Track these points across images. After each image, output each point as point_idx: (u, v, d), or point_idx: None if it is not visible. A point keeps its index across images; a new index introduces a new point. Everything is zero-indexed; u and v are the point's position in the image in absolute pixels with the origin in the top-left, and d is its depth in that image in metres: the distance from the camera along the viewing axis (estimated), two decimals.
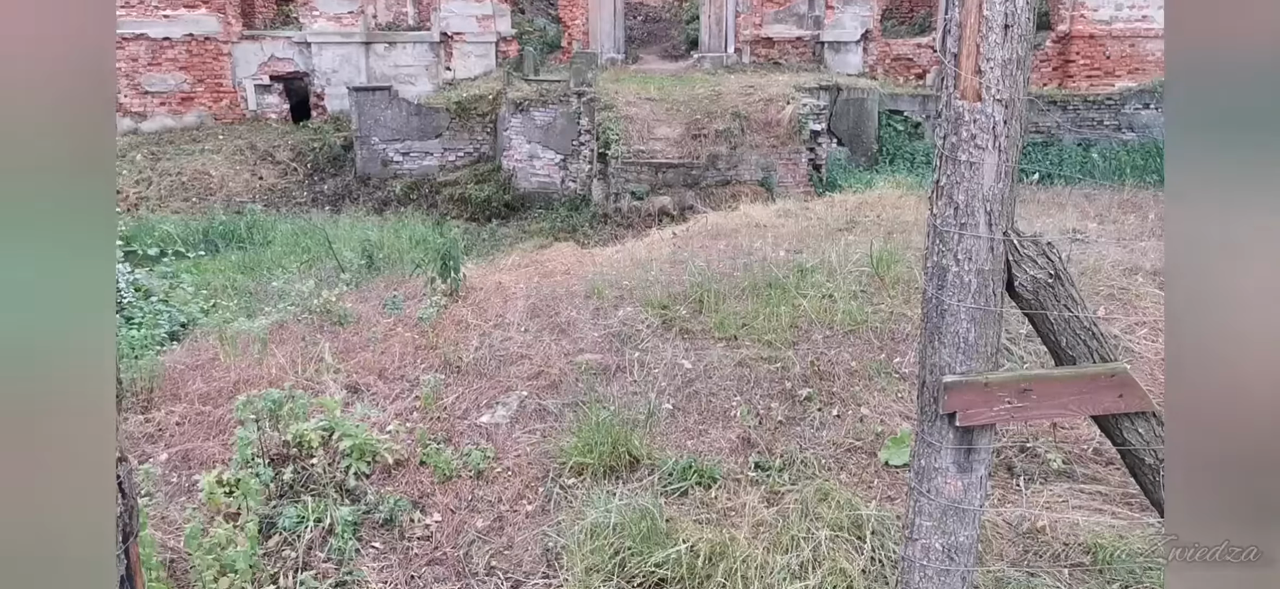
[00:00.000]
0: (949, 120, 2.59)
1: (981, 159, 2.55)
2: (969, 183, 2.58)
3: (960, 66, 2.51)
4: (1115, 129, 19.30)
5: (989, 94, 2.49)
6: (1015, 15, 2.43)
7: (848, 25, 22.77)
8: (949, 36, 2.56)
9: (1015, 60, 2.47)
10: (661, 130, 17.84)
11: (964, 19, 2.47)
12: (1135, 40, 22.72)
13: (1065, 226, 8.15)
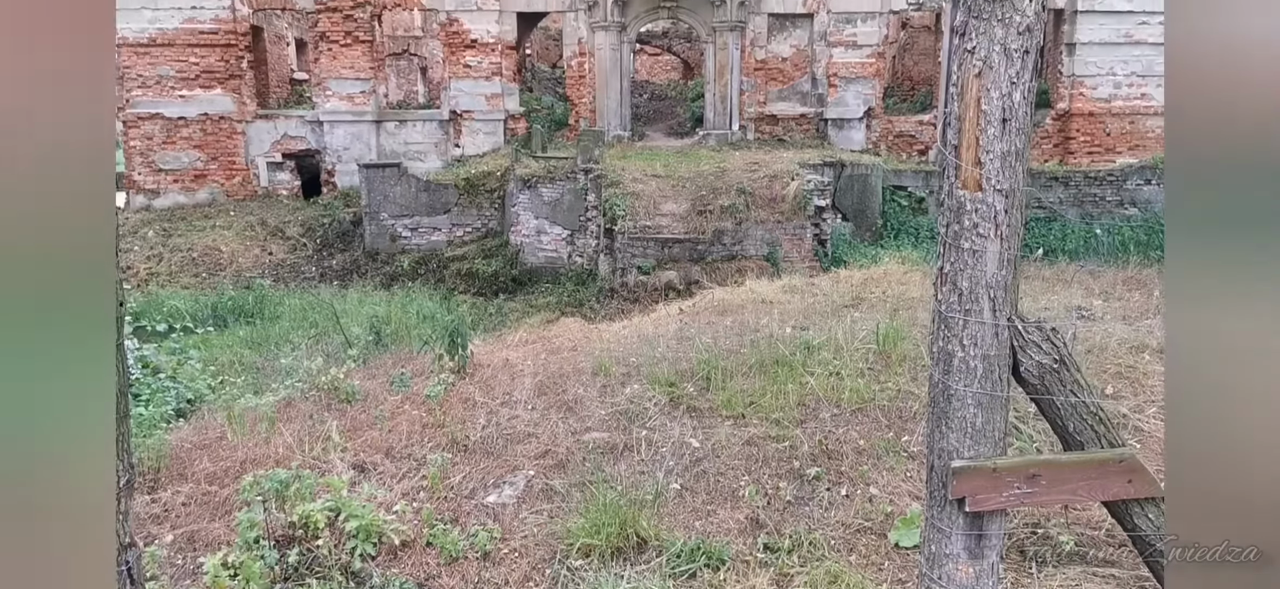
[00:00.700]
0: (951, 209, 2.64)
1: (984, 247, 2.60)
2: (972, 270, 2.62)
3: (961, 158, 2.58)
4: (1118, 204, 19.46)
5: (989, 184, 2.55)
6: (1012, 110, 2.50)
7: (850, 103, 23.16)
8: (949, 129, 2.63)
9: (1014, 152, 2.53)
10: (667, 206, 18.04)
11: (963, 113, 2.54)
12: (1135, 117, 23.05)
13: (1070, 304, 8.17)
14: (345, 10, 22.22)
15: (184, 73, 21.97)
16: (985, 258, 2.60)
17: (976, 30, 2.48)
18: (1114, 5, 22.82)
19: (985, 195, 2.57)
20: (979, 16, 2.47)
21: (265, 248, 19.80)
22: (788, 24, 23.23)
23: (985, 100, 2.50)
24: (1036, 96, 10.09)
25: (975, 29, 2.48)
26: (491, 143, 22.85)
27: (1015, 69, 2.47)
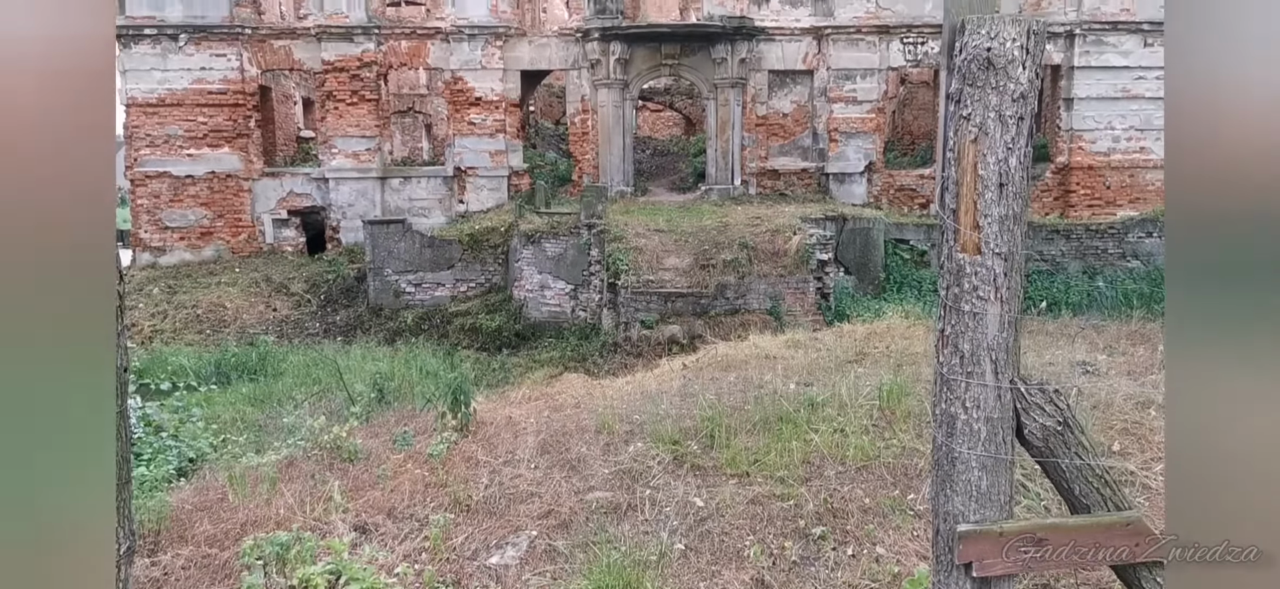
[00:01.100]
0: (950, 272, 2.66)
1: (984, 310, 2.61)
2: (973, 333, 2.63)
3: (959, 222, 2.60)
4: (1120, 257, 19.50)
5: (988, 248, 2.57)
6: (1009, 175, 2.52)
7: (851, 157, 23.37)
8: (947, 193, 2.66)
9: (1012, 216, 2.55)
10: (670, 260, 18.12)
11: (960, 178, 2.57)
12: (1134, 170, 23.21)
13: (1074, 359, 8.16)
14: (352, 70, 22.57)
15: (192, 132, 22.25)
16: (986, 320, 2.61)
17: (971, 97, 2.51)
18: (1110, 61, 23.13)
19: (984, 259, 2.58)
20: (973, 84, 2.51)
21: (269, 304, 19.87)
22: (788, 80, 23.54)
23: (982, 166, 2.53)
24: (1035, 150, 10.17)
25: (970, 96, 2.52)
26: (495, 199, 23.04)
27: (1011, 135, 2.51)
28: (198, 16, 22.07)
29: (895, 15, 23.14)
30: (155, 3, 22.03)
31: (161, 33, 21.97)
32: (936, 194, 4.35)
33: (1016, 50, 2.46)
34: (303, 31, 22.89)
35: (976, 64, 2.49)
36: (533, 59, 23.38)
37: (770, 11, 23.10)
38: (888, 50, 23.22)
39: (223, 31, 22.14)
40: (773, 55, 23.18)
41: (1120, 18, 23.06)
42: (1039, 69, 2.56)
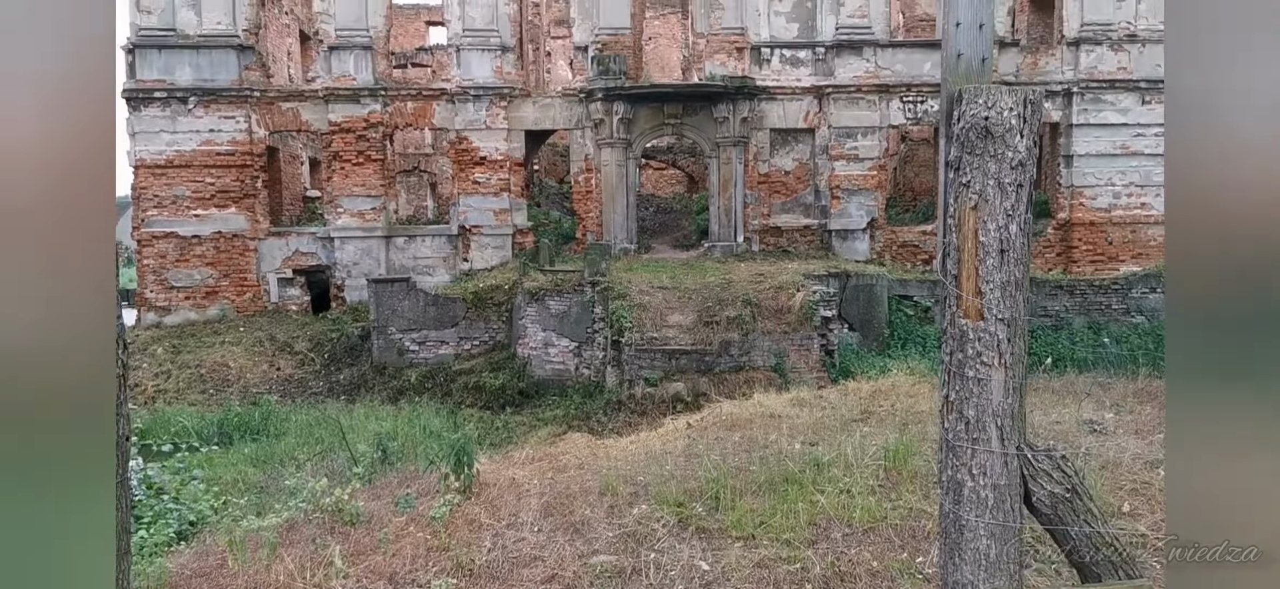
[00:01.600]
0: (953, 338, 2.65)
1: (989, 375, 2.60)
2: (978, 398, 2.62)
3: (961, 287, 2.60)
4: (1124, 312, 19.48)
5: (991, 313, 2.57)
6: (1010, 241, 2.53)
7: (854, 214, 23.49)
8: (948, 258, 2.67)
9: (1013, 282, 2.56)
10: (674, 317, 18.12)
11: (961, 244, 2.58)
12: (1136, 226, 23.29)
13: (1081, 418, 8.10)
14: (358, 131, 22.85)
15: (199, 192, 22.47)
16: (990, 386, 2.60)
17: (970, 165, 2.54)
18: (1109, 118, 23.36)
19: (987, 324, 2.58)
20: (972, 152, 2.53)
21: (273, 363, 19.86)
22: (789, 139, 23.77)
23: (982, 232, 2.54)
24: (1036, 206, 10.20)
25: (969, 164, 2.54)
26: (499, 257, 23.14)
27: (1010, 202, 2.52)
28: (207, 80, 22.43)
29: (894, 75, 23.45)
30: (166, 67, 22.41)
31: (171, 95, 22.30)
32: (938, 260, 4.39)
33: (1014, 119, 2.49)
34: (310, 94, 23.23)
35: (975, 132, 2.52)
36: (537, 119, 23.67)
37: (771, 71, 23.43)
38: (888, 109, 23.48)
39: (232, 94, 22.47)
40: (774, 114, 23.45)
41: (1117, 76, 23.35)
42: (1036, 137, 2.58)
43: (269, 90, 22.98)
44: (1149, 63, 23.29)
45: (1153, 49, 23.28)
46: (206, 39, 22.46)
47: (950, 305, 2.66)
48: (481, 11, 23.03)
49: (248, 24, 22.74)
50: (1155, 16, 23.30)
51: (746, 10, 23.34)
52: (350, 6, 22.78)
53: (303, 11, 28.13)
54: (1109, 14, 23.40)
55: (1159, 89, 22.99)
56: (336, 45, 22.89)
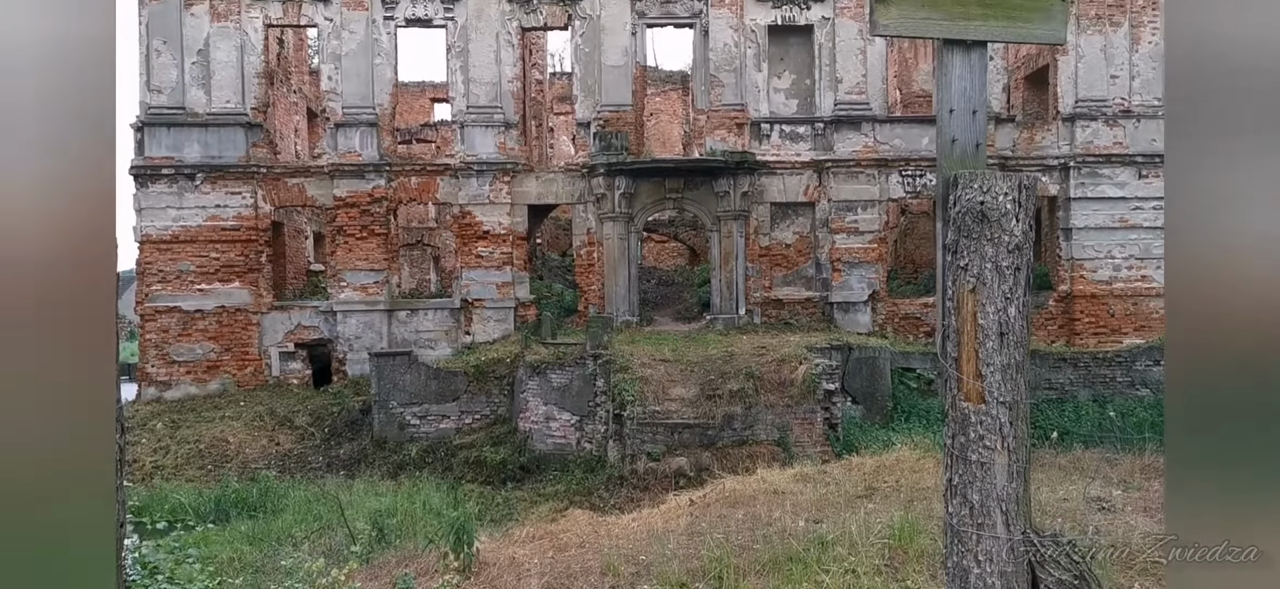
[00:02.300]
0: (955, 421, 2.64)
1: (992, 459, 2.57)
2: (982, 483, 2.59)
3: (962, 370, 2.60)
4: (1128, 385, 19.38)
5: (992, 396, 2.56)
6: (1009, 324, 2.54)
7: (855, 287, 23.56)
8: (948, 341, 2.66)
9: (1014, 365, 2.55)
10: (676, 391, 18.04)
11: (960, 327, 2.58)
12: (1137, 299, 23.32)
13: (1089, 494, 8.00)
14: (362, 205, 23.08)
15: (204, 267, 22.61)
16: (994, 471, 2.58)
17: (968, 249, 2.55)
18: (1106, 192, 23.58)
19: (989, 407, 2.57)
20: (969, 236, 2.55)
21: (273, 438, 19.73)
22: (790, 212, 23.97)
23: (981, 315, 2.54)
24: (1037, 278, 10.25)
25: (966, 248, 2.55)
26: (501, 330, 23.16)
27: (1008, 285, 2.53)
28: (215, 156, 22.75)
29: (893, 149, 23.76)
30: (174, 144, 22.75)
31: (179, 172, 22.60)
32: (938, 341, 4.42)
33: (1009, 204, 2.51)
34: (316, 169, 23.54)
35: (971, 217, 2.54)
36: (540, 194, 23.92)
37: (771, 146, 23.74)
38: (887, 182, 23.73)
39: (239, 170, 22.77)
40: (774, 188, 23.69)
41: (1114, 151, 23.63)
42: (1032, 221, 2.60)
43: (275, 166, 23.29)
44: (1144, 137, 23.60)
45: (1148, 124, 23.61)
46: (215, 117, 22.85)
47: (951, 388, 2.65)
48: (485, 89, 23.45)
49: (256, 102, 23.15)
50: (1149, 93, 23.69)
51: (746, 88, 23.75)
52: (357, 85, 23.22)
53: (310, 90, 28.66)
54: (1103, 90, 23.78)
55: (1155, 163, 23.25)
56: (343, 122, 23.27)
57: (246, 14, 22.97)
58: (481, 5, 23.38)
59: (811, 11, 23.71)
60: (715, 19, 23.62)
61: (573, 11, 23.63)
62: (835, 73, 23.71)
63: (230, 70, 22.87)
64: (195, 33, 22.79)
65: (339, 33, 23.22)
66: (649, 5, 23.73)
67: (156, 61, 22.75)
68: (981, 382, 2.57)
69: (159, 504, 13.39)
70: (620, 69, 23.66)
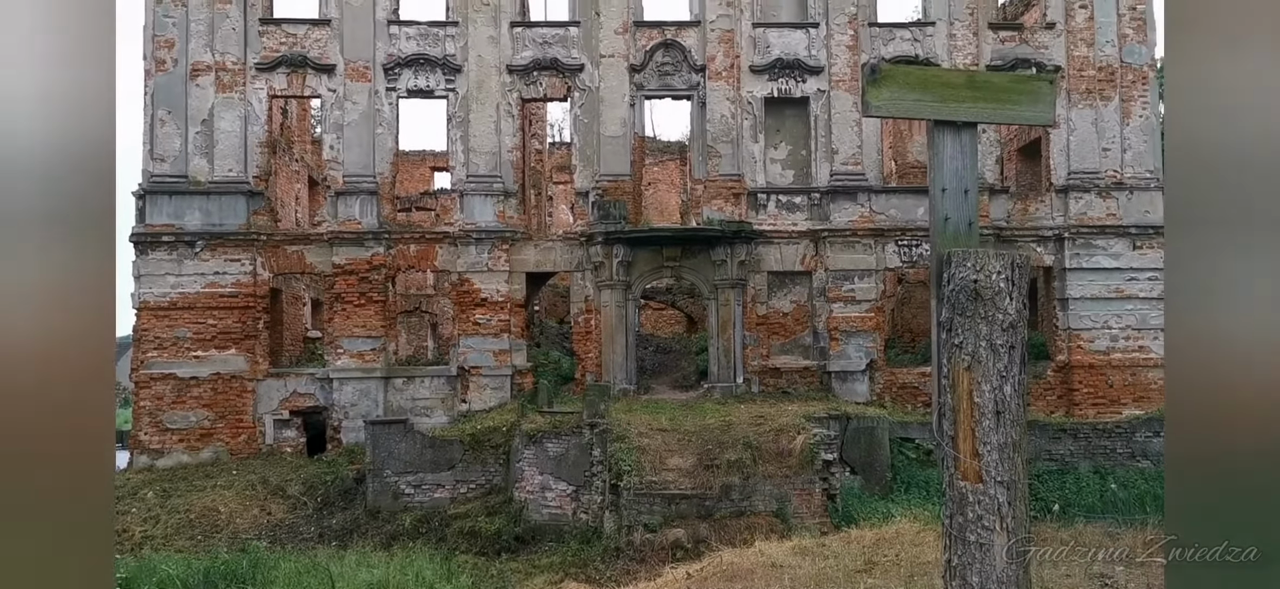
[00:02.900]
0: (953, 500, 2.61)
1: (991, 540, 2.54)
2: (981, 564, 2.55)
3: (958, 449, 2.58)
4: (1129, 457, 19.24)
5: (990, 476, 2.53)
6: (1005, 402, 2.52)
7: (852, 356, 23.52)
8: (944, 418, 2.65)
9: (1011, 444, 2.53)
10: (674, 461, 17.87)
11: (956, 405, 2.57)
12: (1135, 369, 23.28)
13: (1092, 571, 7.88)
14: (361, 272, 23.14)
15: (201, 334, 22.56)
16: (992, 552, 2.54)
17: (962, 327, 2.55)
18: (1101, 263, 23.72)
19: (986, 488, 2.54)
20: (963, 313, 2.55)
21: (265, 508, 19.47)
22: (787, 281, 24.05)
23: (977, 394, 2.54)
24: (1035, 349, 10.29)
25: (961, 325, 2.55)
26: (498, 398, 23.03)
27: (1003, 363, 2.53)
28: (216, 224, 22.87)
29: (889, 219, 23.94)
30: (175, 211, 22.89)
31: (180, 239, 22.69)
32: (934, 419, 4.42)
33: (1002, 282, 2.52)
34: (315, 237, 23.66)
35: (964, 294, 2.54)
36: (538, 261, 24.02)
37: (768, 216, 23.92)
38: (884, 252, 23.86)
39: (239, 237, 22.87)
40: (771, 257, 23.81)
41: (1107, 222, 23.84)
42: (1025, 299, 2.61)
43: (276, 234, 23.41)
44: (1137, 209, 23.83)
45: (1140, 195, 23.86)
46: (217, 185, 23.04)
47: (948, 467, 2.63)
48: (485, 159, 23.71)
49: (258, 171, 23.37)
50: (1141, 165, 24.00)
51: (743, 158, 24.03)
52: (358, 153, 23.47)
53: (313, 159, 28.97)
54: (1095, 163, 24.09)
55: (1148, 234, 23.45)
56: (344, 190, 23.46)
57: (251, 85, 23.33)
58: (482, 77, 23.78)
59: (807, 84, 24.12)
60: (712, 91, 24.02)
61: (572, 83, 24.03)
62: (831, 144, 24.02)
63: (233, 139, 23.14)
64: (200, 103, 23.12)
65: (342, 103, 23.56)
66: (647, 78, 24.15)
67: (160, 131, 23.02)
68: (979, 461, 2.55)
69: (147, 575, 13.13)
70: (619, 139, 23.96)
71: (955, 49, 24.19)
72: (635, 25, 24.11)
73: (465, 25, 23.85)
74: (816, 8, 24.30)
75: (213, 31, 23.24)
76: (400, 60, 23.61)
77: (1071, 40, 24.27)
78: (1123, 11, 24.36)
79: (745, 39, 24.14)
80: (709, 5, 24.12)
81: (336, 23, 23.60)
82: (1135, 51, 24.36)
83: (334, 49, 23.56)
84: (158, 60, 23.12)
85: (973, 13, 24.29)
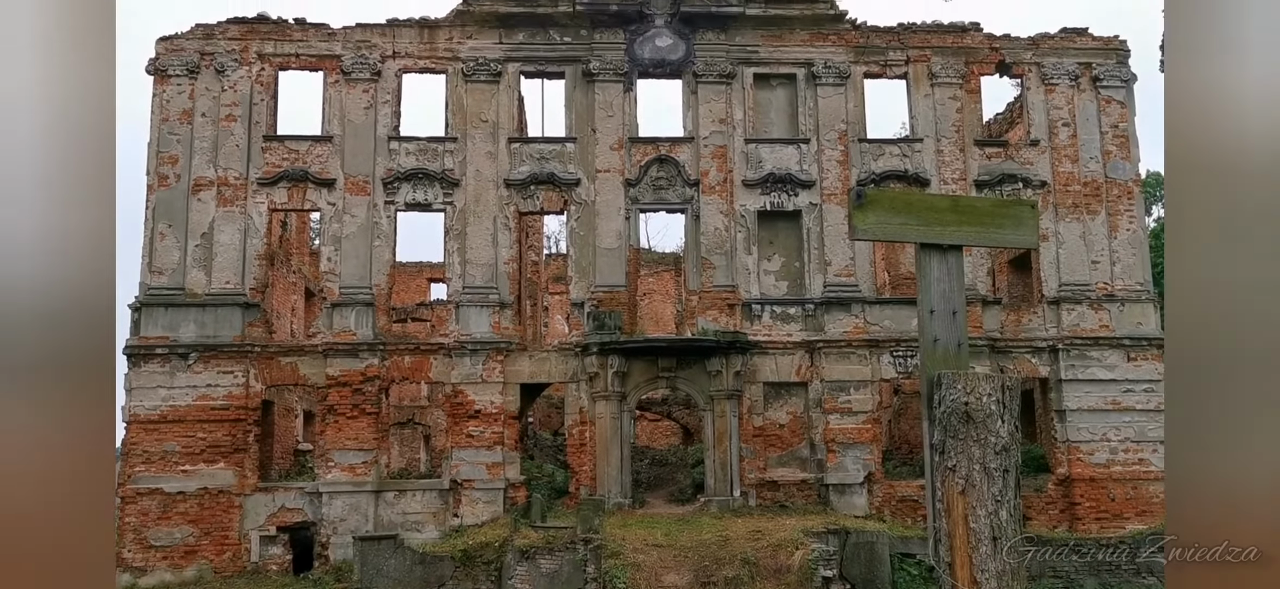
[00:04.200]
0: None
1: None
2: None
3: (956, 577, 2.52)
4: (1135, 573, 18.82)
5: None
6: (1001, 527, 2.48)
7: (850, 468, 23.24)
8: (940, 544, 2.60)
9: (1009, 571, 2.48)
10: (669, 578, 17.44)
11: (952, 530, 2.52)
12: (1137, 483, 23.00)
13: None
14: (355, 384, 23.01)
15: (190, 447, 22.26)
16: None
17: (955, 449, 2.53)
18: (1096, 374, 23.69)
19: None
20: (955, 436, 2.53)
21: None
22: (783, 392, 23.95)
23: (973, 519, 2.50)
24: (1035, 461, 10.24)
25: (953, 448, 2.53)
26: (491, 511, 22.61)
27: (997, 487, 2.50)
28: (210, 336, 22.85)
29: (883, 330, 24.02)
30: (170, 323, 22.90)
31: (173, 351, 22.63)
32: (930, 544, 4.36)
33: (993, 404, 2.51)
34: (310, 348, 23.61)
35: (956, 417, 2.53)
36: (533, 373, 23.93)
37: (763, 326, 23.99)
38: (879, 363, 23.85)
39: (233, 349, 22.82)
40: (767, 368, 23.77)
41: (1100, 334, 23.92)
42: (1017, 421, 2.60)
43: (270, 345, 23.36)
44: (1129, 321, 23.97)
45: (1132, 307, 24.04)
46: (213, 297, 23.12)
47: None
48: (481, 270, 23.90)
49: (255, 283, 23.50)
50: (1130, 277, 24.26)
51: (737, 269, 24.26)
52: (355, 265, 23.66)
53: (310, 270, 29.18)
54: (1084, 275, 24.35)
55: (1141, 346, 23.53)
56: (340, 301, 23.53)
57: (252, 199, 23.68)
58: (480, 191, 24.19)
59: (799, 197, 24.55)
60: (706, 204, 24.42)
61: (568, 197, 24.43)
62: (824, 255, 24.29)
63: (232, 252, 23.34)
64: (200, 217, 23.41)
65: (340, 216, 23.87)
66: (642, 191, 24.57)
67: (160, 244, 23.24)
68: (977, 587, 2.48)
69: None
70: (614, 251, 24.22)
71: (943, 164, 24.73)
72: (630, 141, 24.68)
73: (464, 141, 24.40)
74: (807, 124, 24.94)
75: (217, 148, 23.73)
76: (399, 174, 24.04)
77: (1056, 157, 24.86)
78: (1105, 129, 25.03)
79: (738, 154, 24.69)
80: (702, 122, 24.76)
81: (338, 139, 24.13)
82: (1119, 168, 24.92)
83: (335, 164, 24.02)
84: (160, 176, 23.53)
85: (958, 130, 24.93)
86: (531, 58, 25.13)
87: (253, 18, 24.53)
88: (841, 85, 24.99)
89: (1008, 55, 25.41)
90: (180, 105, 23.89)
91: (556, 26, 24.99)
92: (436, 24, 24.87)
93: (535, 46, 25.04)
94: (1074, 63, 25.31)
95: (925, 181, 24.31)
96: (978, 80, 25.48)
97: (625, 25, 24.98)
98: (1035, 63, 25.33)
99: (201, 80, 24.02)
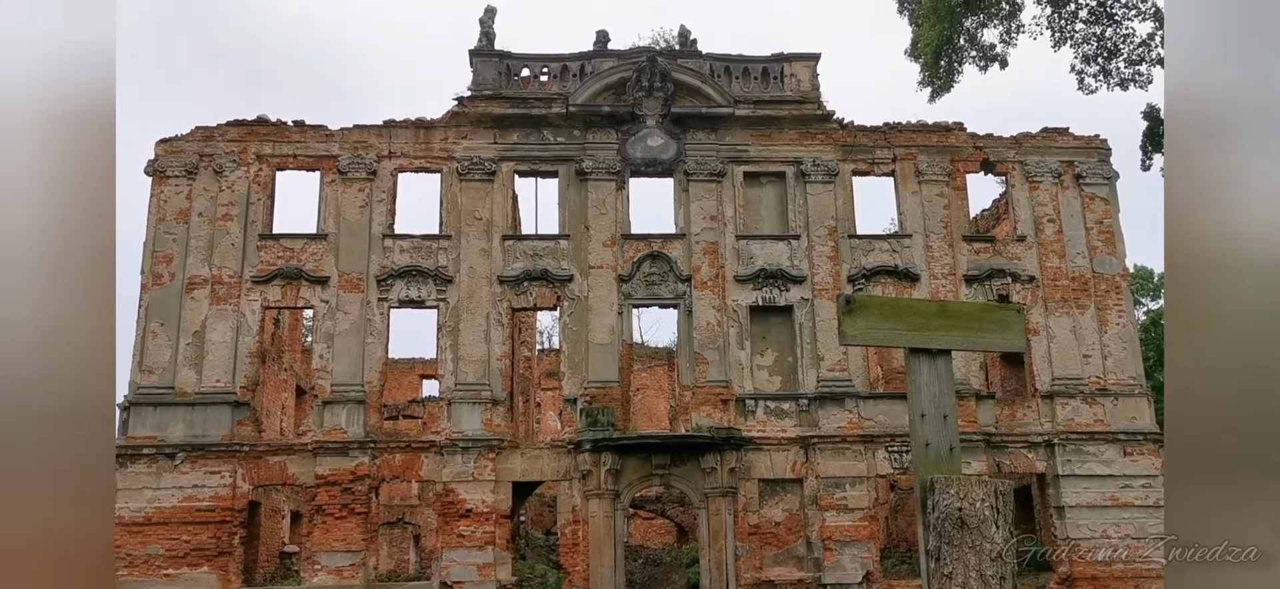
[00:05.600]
0: None
1: None
2: None
3: None
4: None
5: None
6: None
7: (848, 566, 22.80)
8: None
9: None
10: None
11: None
12: (1140, 581, 22.57)
13: None
14: (345, 483, 22.66)
15: (174, 550, 21.76)
16: None
17: (950, 556, 2.51)
18: (1093, 470, 23.51)
19: None
20: (950, 542, 2.51)
21: None
22: (778, 489, 23.66)
23: None
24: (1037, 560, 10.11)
25: (949, 555, 2.51)
26: None
27: None
28: (199, 435, 22.58)
29: (878, 425, 23.89)
30: (159, 423, 22.64)
31: (160, 451, 22.31)
32: None
33: (987, 510, 2.50)
34: (299, 447, 23.33)
35: (950, 523, 2.51)
36: (525, 470, 23.62)
37: (757, 422, 23.84)
38: (874, 458, 23.65)
39: (221, 449, 22.52)
40: (761, 464, 23.52)
41: (1095, 428, 23.82)
42: (1012, 526, 2.58)
43: (259, 444, 23.07)
44: (1124, 416, 23.91)
45: (1126, 402, 24.01)
46: (203, 396, 22.92)
47: None
48: (474, 367, 23.82)
49: (246, 381, 23.34)
50: (1123, 372, 24.30)
51: (730, 365, 24.24)
52: (347, 363, 23.56)
53: (301, 368, 29.04)
54: (1077, 368, 24.38)
55: (1137, 441, 23.43)
56: (331, 399, 23.35)
57: (246, 297, 23.72)
58: (473, 288, 24.30)
59: (790, 293, 24.71)
60: (698, 300, 24.55)
61: (562, 293, 24.55)
62: (816, 350, 24.32)
63: (224, 350, 23.26)
64: (193, 315, 23.41)
65: (334, 313, 23.90)
66: (635, 287, 24.72)
67: (151, 344, 23.16)
68: None
69: None
70: (607, 346, 24.22)
71: (932, 258, 25.02)
72: (623, 238, 24.94)
73: (458, 238, 24.62)
74: (797, 221, 25.29)
75: (212, 246, 23.89)
76: (393, 272, 24.17)
77: (1043, 252, 25.19)
78: (1090, 226, 25.44)
79: (729, 250, 24.94)
80: (694, 219, 25.08)
81: (333, 237, 24.33)
82: (1106, 262, 25.24)
83: (329, 262, 24.17)
84: (155, 274, 23.61)
85: (946, 226, 25.30)
86: (525, 157, 25.58)
87: (252, 120, 25.01)
88: (830, 182, 25.45)
89: (991, 153, 25.98)
90: (177, 205, 24.13)
91: (550, 127, 25.52)
92: (432, 125, 25.37)
93: (529, 146, 25.52)
94: (1056, 161, 25.88)
95: (915, 276, 24.55)
96: (963, 177, 25.99)
97: (618, 126, 25.53)
98: (1018, 161, 25.89)
99: (200, 180, 24.33)
